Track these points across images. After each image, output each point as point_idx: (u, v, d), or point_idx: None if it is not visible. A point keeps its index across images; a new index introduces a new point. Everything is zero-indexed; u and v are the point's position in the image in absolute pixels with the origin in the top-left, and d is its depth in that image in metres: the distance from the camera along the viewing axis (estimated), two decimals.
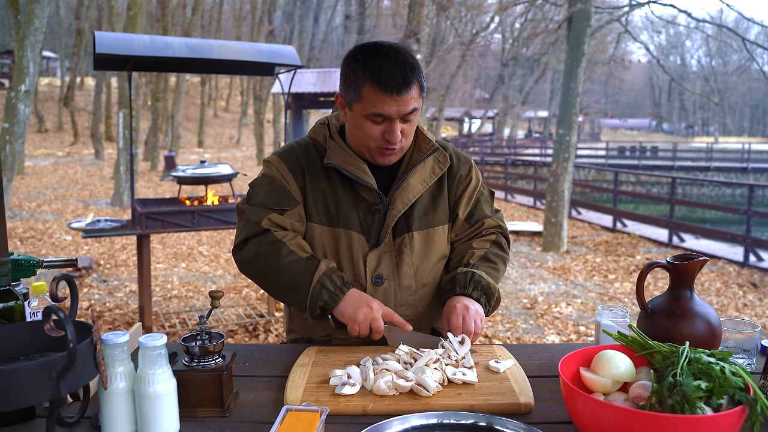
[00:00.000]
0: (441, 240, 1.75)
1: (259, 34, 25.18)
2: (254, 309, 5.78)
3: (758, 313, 6.47)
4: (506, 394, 1.28)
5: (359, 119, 1.59)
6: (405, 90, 1.51)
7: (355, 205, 1.67)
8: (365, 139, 1.61)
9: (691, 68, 68.98)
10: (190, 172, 5.30)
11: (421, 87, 1.57)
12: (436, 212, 1.73)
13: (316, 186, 1.68)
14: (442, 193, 1.76)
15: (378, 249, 1.66)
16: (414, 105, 1.55)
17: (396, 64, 1.52)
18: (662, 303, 1.40)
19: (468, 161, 1.82)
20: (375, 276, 1.66)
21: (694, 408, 0.99)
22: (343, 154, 1.66)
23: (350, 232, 1.66)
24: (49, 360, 0.96)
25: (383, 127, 1.57)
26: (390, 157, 1.65)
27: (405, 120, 1.57)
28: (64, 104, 34.03)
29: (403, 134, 1.59)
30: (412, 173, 1.69)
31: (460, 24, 22.75)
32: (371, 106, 1.54)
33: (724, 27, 13.35)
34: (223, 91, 51.89)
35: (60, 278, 1.10)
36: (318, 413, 1.13)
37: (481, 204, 1.81)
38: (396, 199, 1.67)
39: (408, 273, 1.69)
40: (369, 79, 1.52)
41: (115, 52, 4.53)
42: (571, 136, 9.89)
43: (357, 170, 1.64)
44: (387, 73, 1.51)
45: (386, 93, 1.51)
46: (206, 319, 1.26)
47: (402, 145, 1.62)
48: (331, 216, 1.67)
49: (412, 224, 1.69)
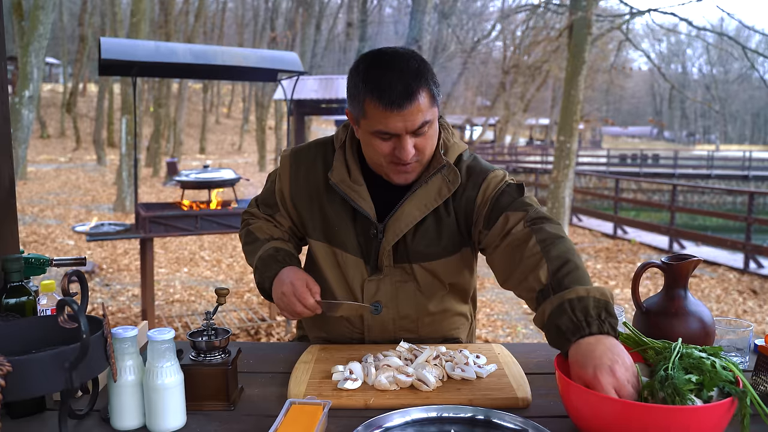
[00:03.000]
0: (450, 271, 1.58)
1: (262, 41, 25.29)
2: (256, 313, 5.81)
3: (758, 320, 6.49)
4: (504, 389, 1.31)
5: (367, 137, 1.44)
6: (408, 103, 1.34)
7: (354, 226, 1.56)
8: (377, 158, 1.45)
9: (692, 76, 69.10)
10: (193, 177, 5.35)
11: (432, 95, 1.39)
12: (440, 243, 1.54)
13: (314, 201, 1.60)
14: (448, 220, 1.54)
15: (376, 275, 1.56)
16: (424, 118, 1.37)
17: (397, 74, 1.35)
18: (657, 302, 1.43)
19: (482, 174, 1.54)
20: (373, 303, 1.56)
21: (685, 399, 1.02)
22: (344, 173, 1.53)
23: (347, 254, 1.57)
24: (63, 351, 1.00)
25: (392, 143, 1.41)
26: (406, 175, 1.47)
27: (416, 134, 1.40)
28: (66, 110, 34.12)
29: (417, 149, 1.42)
30: (411, 198, 1.50)
31: (461, 32, 22.85)
32: (375, 123, 1.38)
33: (725, 35, 13.41)
34: (225, 98, 52.03)
35: (72, 274, 1.13)
36: (321, 406, 1.16)
37: (501, 202, 1.49)
38: (389, 228, 1.51)
39: (408, 302, 1.57)
40: (369, 93, 1.37)
41: (120, 58, 4.58)
42: (572, 144, 9.93)
43: (353, 194, 1.51)
44: (387, 85, 1.34)
45: (388, 108, 1.34)
46: (213, 314, 1.29)
47: (419, 160, 1.45)
48: (329, 235, 1.59)
49: (412, 256, 1.54)
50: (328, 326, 1.67)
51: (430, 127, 1.41)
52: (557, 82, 31.38)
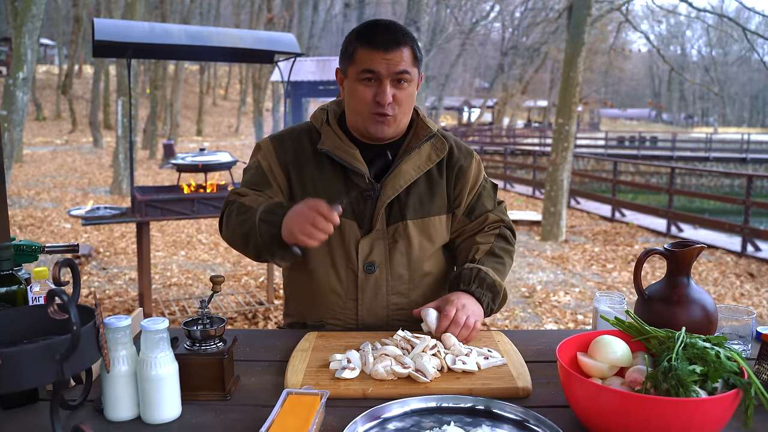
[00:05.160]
0: (438, 230, 1.71)
1: (258, 22, 25.05)
2: (253, 297, 5.80)
3: (755, 303, 6.50)
4: (504, 378, 1.29)
5: (353, 84, 1.58)
6: (394, 48, 1.52)
7: (347, 191, 1.64)
8: (359, 106, 1.58)
9: (691, 58, 68.80)
10: (189, 160, 5.30)
11: (416, 56, 1.57)
12: (433, 201, 1.69)
13: (304, 172, 1.67)
14: (441, 182, 1.71)
15: (370, 236, 1.64)
16: (405, 67, 1.54)
17: (387, 27, 1.56)
18: (659, 289, 1.41)
19: (470, 154, 1.77)
20: (367, 263, 1.64)
21: (689, 391, 1.00)
22: (336, 140, 1.65)
23: (341, 218, 1.59)
24: (53, 342, 0.97)
25: (374, 89, 1.55)
26: (383, 126, 1.59)
27: (397, 85, 1.55)
28: (62, 92, 33.91)
29: (395, 101, 1.56)
30: (406, 159, 1.65)
31: (459, 13, 22.67)
32: (361, 64, 1.54)
33: (724, 17, 13.33)
34: (222, 80, 51.71)
35: (63, 263, 1.10)
36: (318, 396, 1.15)
37: (483, 199, 1.76)
38: (387, 185, 1.63)
39: (401, 261, 1.66)
40: (360, 40, 1.56)
41: (114, 39, 4.51)
42: (571, 126, 9.88)
43: (348, 156, 1.62)
44: (377, 33, 1.54)
45: (374, 48, 1.52)
46: (207, 303, 1.27)
47: (395, 114, 1.58)
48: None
49: (407, 213, 1.65)
50: (319, 297, 1.69)
51: (409, 82, 1.57)
52: (556, 63, 31.24)
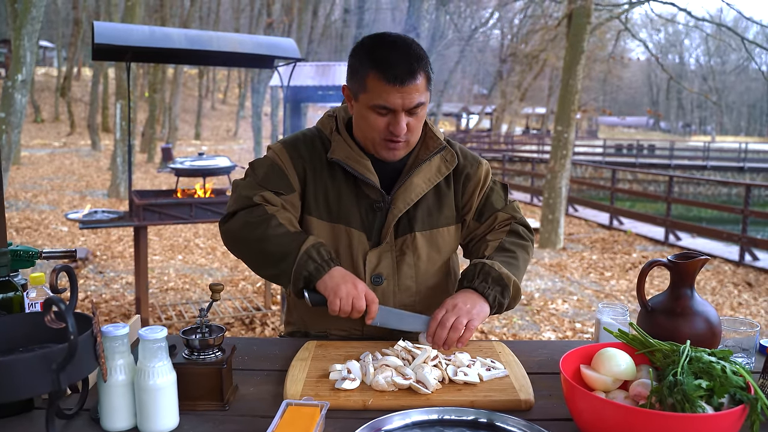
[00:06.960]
0: (446, 242, 1.69)
1: (258, 27, 25.06)
2: (251, 302, 5.78)
3: (753, 312, 6.49)
4: (506, 390, 1.28)
5: (364, 111, 1.53)
6: (410, 80, 1.46)
7: (357, 201, 1.62)
8: (370, 132, 1.55)
9: (689, 67, 68.98)
10: (188, 165, 5.28)
11: (428, 78, 1.52)
12: (441, 213, 1.67)
13: (317, 179, 1.63)
14: (449, 193, 1.69)
15: (378, 248, 1.62)
16: (420, 99, 1.49)
17: (402, 54, 1.47)
18: (663, 301, 1.40)
19: (476, 160, 1.74)
20: (374, 275, 1.62)
21: (695, 407, 0.99)
22: (347, 150, 1.61)
23: (350, 229, 1.62)
24: (50, 352, 0.96)
25: (388, 119, 1.51)
26: (395, 151, 1.57)
27: (411, 113, 1.51)
28: (60, 94, 33.89)
29: (408, 128, 1.53)
30: (417, 172, 1.62)
31: (459, 19, 22.72)
32: (375, 97, 1.48)
33: (723, 26, 13.37)
34: (221, 84, 51.73)
35: (60, 269, 1.09)
36: (318, 408, 1.13)
37: (491, 199, 1.73)
38: (398, 198, 1.61)
39: (408, 274, 1.65)
40: (373, 68, 1.47)
41: (114, 43, 4.50)
42: (569, 133, 9.89)
43: (359, 167, 1.59)
44: (393, 63, 1.46)
45: (390, 83, 1.45)
46: (206, 312, 1.25)
47: (408, 140, 1.56)
48: (332, 211, 1.63)
49: (415, 225, 1.64)
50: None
51: (422, 108, 1.54)
52: (554, 71, 31.29)
